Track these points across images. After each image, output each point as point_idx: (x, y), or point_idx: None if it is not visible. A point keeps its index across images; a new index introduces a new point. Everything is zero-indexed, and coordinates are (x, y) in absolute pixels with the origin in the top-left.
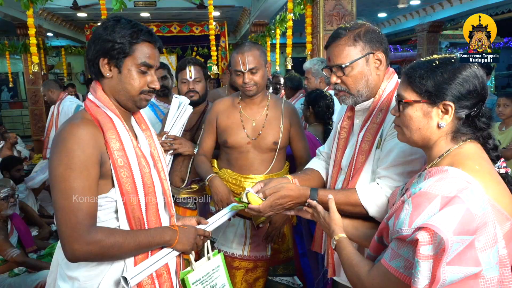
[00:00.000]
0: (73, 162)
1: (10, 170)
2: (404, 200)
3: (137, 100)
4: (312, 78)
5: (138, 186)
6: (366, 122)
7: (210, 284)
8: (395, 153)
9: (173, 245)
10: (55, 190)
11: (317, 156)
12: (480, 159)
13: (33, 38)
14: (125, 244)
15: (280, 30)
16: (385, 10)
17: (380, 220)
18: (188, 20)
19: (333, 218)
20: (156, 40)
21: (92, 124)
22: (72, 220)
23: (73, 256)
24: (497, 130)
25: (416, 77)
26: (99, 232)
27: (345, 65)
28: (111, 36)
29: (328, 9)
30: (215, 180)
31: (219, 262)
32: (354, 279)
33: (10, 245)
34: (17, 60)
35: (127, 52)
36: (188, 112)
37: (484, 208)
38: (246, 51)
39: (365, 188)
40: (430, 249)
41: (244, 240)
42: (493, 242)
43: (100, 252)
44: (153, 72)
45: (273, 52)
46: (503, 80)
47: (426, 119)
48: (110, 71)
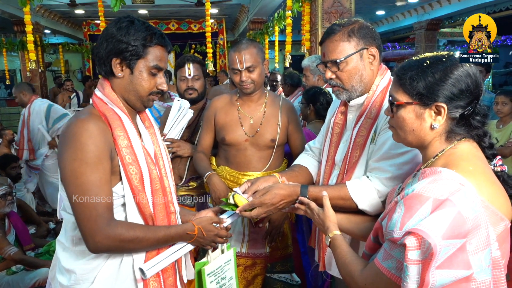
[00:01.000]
0: (88, 156)
1: (5, 168)
2: (397, 201)
3: (145, 100)
4: (310, 76)
5: (146, 183)
6: (361, 117)
7: (221, 276)
8: (388, 146)
9: (191, 241)
10: (72, 186)
11: (305, 151)
12: (475, 159)
13: (30, 35)
14: (145, 239)
15: (278, 27)
16: (383, 8)
17: (371, 213)
18: (186, 17)
19: (327, 215)
20: (168, 44)
21: (101, 120)
22: (93, 214)
23: (96, 248)
24: (495, 128)
25: (407, 79)
26: (119, 226)
27: (339, 60)
28: (126, 38)
29: (327, 6)
30: (213, 178)
31: (231, 256)
32: (348, 278)
33: (7, 243)
34: (14, 57)
35: (140, 55)
36: (189, 116)
37: (476, 211)
38: (243, 49)
39: (355, 182)
40: (418, 254)
41: (242, 237)
42: (485, 244)
43: (120, 245)
44: (162, 74)
45: (271, 49)
46: (500, 78)
47: (419, 120)
48: (122, 71)
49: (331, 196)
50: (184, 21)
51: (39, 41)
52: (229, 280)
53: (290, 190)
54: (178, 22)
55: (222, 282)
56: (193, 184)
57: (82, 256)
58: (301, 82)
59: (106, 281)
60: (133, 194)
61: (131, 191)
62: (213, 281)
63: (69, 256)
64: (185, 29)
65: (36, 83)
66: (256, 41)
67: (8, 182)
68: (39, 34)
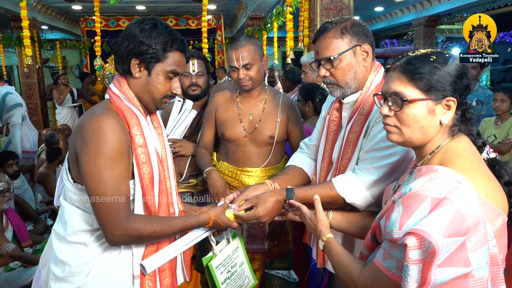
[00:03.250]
0: (112, 151)
1: (3, 165)
2: (395, 200)
3: (158, 102)
4: (309, 72)
5: (155, 183)
6: (354, 114)
7: (231, 265)
8: (378, 138)
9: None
10: (95, 180)
11: (300, 149)
12: (470, 155)
13: (26, 30)
14: (162, 232)
15: (277, 23)
16: (382, 4)
17: (360, 206)
18: (184, 13)
19: (319, 219)
20: (187, 51)
21: (119, 116)
22: (114, 208)
23: (114, 241)
24: (493, 125)
25: (419, 73)
26: (137, 220)
27: (333, 57)
28: (147, 40)
29: (326, 2)
30: (213, 173)
31: (238, 244)
32: (346, 279)
33: (5, 240)
34: (11, 53)
35: (160, 58)
36: (192, 116)
37: (474, 208)
38: (240, 47)
39: (340, 177)
40: (419, 253)
41: (241, 232)
42: (483, 241)
43: (138, 239)
44: (177, 78)
45: (270, 46)
46: (498, 75)
47: (430, 117)
48: (139, 72)
49: (319, 196)
50: (182, 17)
51: (36, 36)
52: (240, 266)
53: (277, 195)
54: (176, 18)
55: (233, 270)
56: (193, 181)
57: (78, 248)
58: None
59: (101, 275)
60: (143, 193)
61: (141, 190)
62: (223, 272)
63: (64, 247)
64: (183, 25)
65: (34, 79)
66: (254, 37)
67: (6, 179)
68: (36, 29)
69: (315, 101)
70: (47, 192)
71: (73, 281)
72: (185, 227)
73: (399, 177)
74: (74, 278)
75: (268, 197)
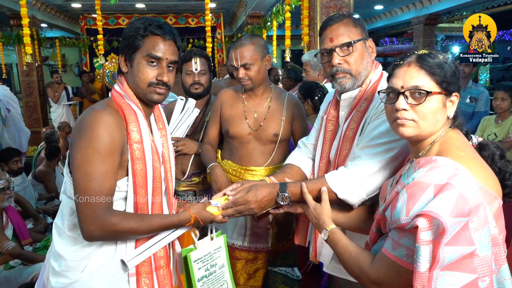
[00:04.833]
0: (101, 146)
1: (8, 162)
2: (398, 191)
3: (146, 92)
4: (310, 71)
5: (149, 179)
6: (352, 111)
7: (210, 263)
8: (372, 135)
9: (189, 224)
10: (80, 172)
11: (298, 148)
12: (464, 145)
13: (26, 28)
14: (139, 230)
15: (276, 22)
16: (381, 2)
17: (353, 203)
18: (183, 11)
19: (325, 208)
20: (165, 33)
21: (118, 113)
22: (93, 202)
23: (89, 236)
24: (494, 123)
25: (436, 68)
26: (115, 216)
27: (353, 41)
28: (127, 34)
29: (325, 0)
30: (216, 169)
31: (221, 243)
32: (356, 271)
33: (5, 238)
34: (11, 51)
35: (136, 47)
36: (194, 114)
37: (474, 191)
38: (240, 47)
39: (332, 173)
40: (430, 234)
41: (244, 231)
42: (484, 222)
43: (114, 235)
44: (163, 64)
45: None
46: (498, 73)
47: (443, 110)
48: (126, 66)
49: (311, 189)
50: (182, 15)
51: (35, 34)
52: (220, 268)
53: (270, 187)
54: (175, 16)
55: (212, 269)
56: (195, 179)
57: (74, 243)
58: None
59: (97, 271)
60: (134, 191)
61: (133, 187)
62: (201, 268)
63: (63, 241)
64: (182, 23)
65: (33, 77)
66: (258, 36)
67: (6, 176)
68: (35, 27)
69: (314, 99)
70: (46, 190)
71: (69, 276)
72: (164, 226)
73: (393, 173)
74: (70, 273)
75: (261, 187)
